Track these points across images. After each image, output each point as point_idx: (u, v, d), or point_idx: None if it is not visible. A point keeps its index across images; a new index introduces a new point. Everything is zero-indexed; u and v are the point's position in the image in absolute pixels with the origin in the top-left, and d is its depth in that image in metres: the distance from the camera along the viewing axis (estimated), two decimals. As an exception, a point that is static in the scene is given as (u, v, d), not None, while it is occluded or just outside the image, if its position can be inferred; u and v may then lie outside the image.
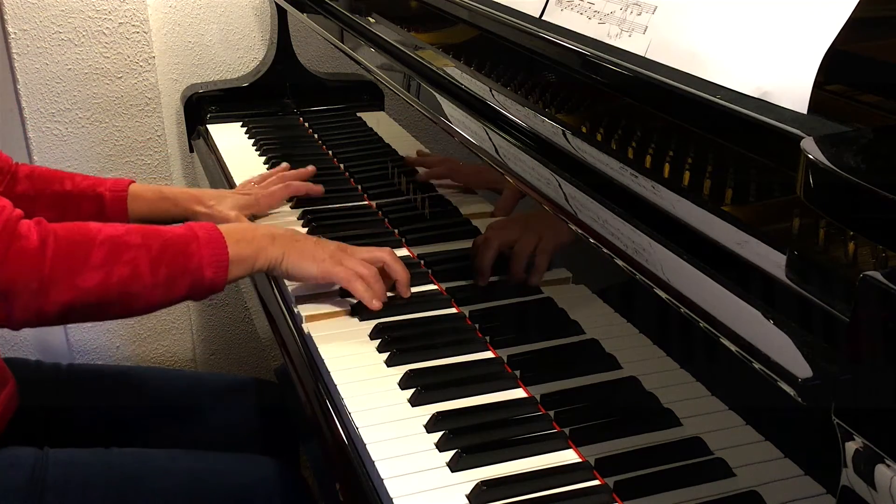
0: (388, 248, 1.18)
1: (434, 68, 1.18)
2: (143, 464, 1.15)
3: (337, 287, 1.18)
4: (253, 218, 1.41)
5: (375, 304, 1.12)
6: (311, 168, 1.53)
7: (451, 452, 0.88)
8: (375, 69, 1.32)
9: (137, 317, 2.07)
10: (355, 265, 1.12)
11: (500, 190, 1.11)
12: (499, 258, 1.09)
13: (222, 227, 1.09)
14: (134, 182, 1.39)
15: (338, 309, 1.14)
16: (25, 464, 1.10)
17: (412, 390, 0.98)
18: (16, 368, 1.23)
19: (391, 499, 0.83)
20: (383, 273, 1.15)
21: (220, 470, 1.16)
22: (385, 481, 0.85)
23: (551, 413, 0.93)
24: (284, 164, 1.55)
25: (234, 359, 2.24)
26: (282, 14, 1.93)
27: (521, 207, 1.05)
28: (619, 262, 0.77)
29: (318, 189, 1.48)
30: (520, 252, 1.04)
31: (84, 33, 1.89)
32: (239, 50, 2.08)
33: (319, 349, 1.06)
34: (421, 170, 1.35)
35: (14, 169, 1.34)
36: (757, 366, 0.60)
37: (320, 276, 1.12)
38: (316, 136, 1.81)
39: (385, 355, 1.04)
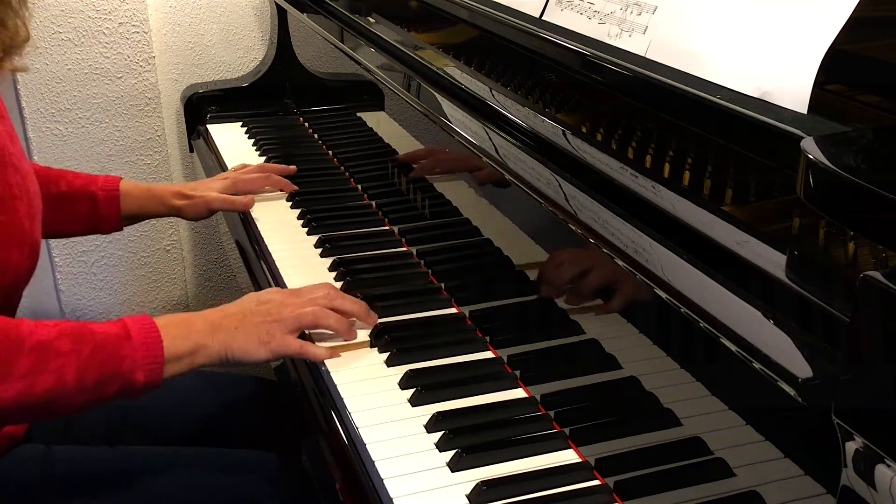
0: (326, 284, 1.12)
1: (434, 68, 1.18)
2: (147, 461, 1.16)
3: (337, 286, 1.18)
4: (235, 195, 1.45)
5: (352, 334, 1.08)
6: (292, 168, 1.56)
7: (451, 452, 0.88)
8: (375, 69, 1.33)
9: (152, 303, 2.11)
10: (303, 310, 1.05)
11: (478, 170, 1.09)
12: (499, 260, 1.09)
13: (160, 321, 1.00)
14: (122, 179, 1.41)
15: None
16: (34, 461, 1.11)
17: (412, 390, 0.98)
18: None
19: (391, 499, 0.83)
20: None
21: (222, 467, 1.16)
22: (385, 481, 0.85)
23: (551, 413, 0.93)
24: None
25: (234, 359, 2.24)
26: (282, 14, 1.93)
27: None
28: (620, 262, 0.77)
29: (291, 169, 1.55)
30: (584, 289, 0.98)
31: (84, 33, 1.89)
32: (239, 50, 2.08)
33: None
34: (414, 164, 1.35)
35: None
36: (757, 366, 0.60)
37: (273, 358, 1.05)
38: (316, 136, 1.81)
39: (385, 355, 1.04)
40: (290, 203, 1.48)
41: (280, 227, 1.40)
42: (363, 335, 1.09)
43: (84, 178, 1.38)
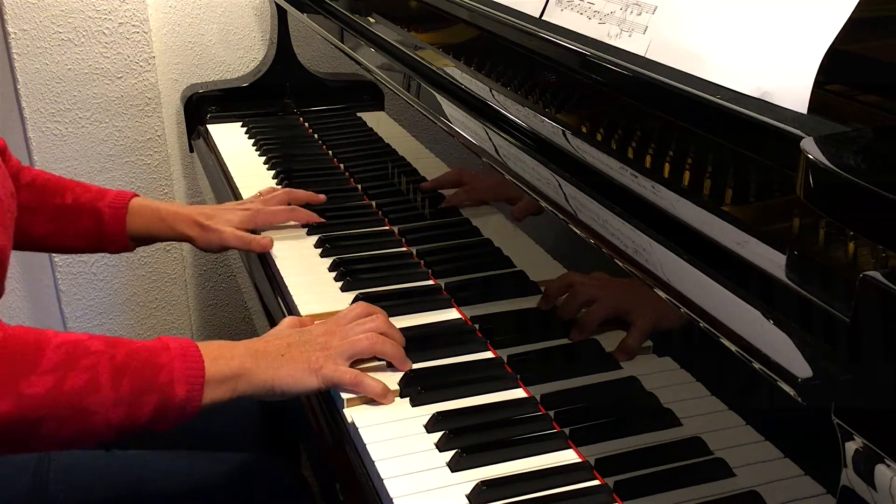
0: (364, 305, 1.06)
1: (434, 68, 1.18)
2: (144, 465, 1.15)
3: (337, 286, 1.18)
4: (254, 233, 1.35)
5: (407, 365, 1.01)
6: (321, 197, 1.44)
7: (452, 452, 0.88)
8: (375, 69, 1.33)
9: (131, 332, 2.10)
10: (356, 336, 0.99)
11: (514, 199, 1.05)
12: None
13: (199, 343, 0.94)
14: (137, 196, 1.34)
15: (338, 308, 1.14)
16: (28, 467, 1.10)
17: (412, 390, 0.97)
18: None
19: (391, 499, 0.83)
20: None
21: (220, 471, 1.16)
22: (385, 481, 0.85)
23: (551, 413, 0.93)
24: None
25: (234, 359, 2.24)
26: (282, 14, 1.93)
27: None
28: (619, 262, 0.77)
29: (321, 198, 1.43)
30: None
31: (84, 33, 1.89)
32: (239, 50, 2.08)
33: (319, 349, 1.06)
34: (442, 192, 1.27)
35: (18, 172, 1.30)
36: (757, 366, 0.60)
37: (324, 387, 0.97)
38: (316, 136, 1.81)
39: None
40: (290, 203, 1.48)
41: (280, 227, 1.40)
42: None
43: (94, 193, 1.31)
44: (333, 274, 1.24)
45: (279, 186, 1.53)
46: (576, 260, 0.96)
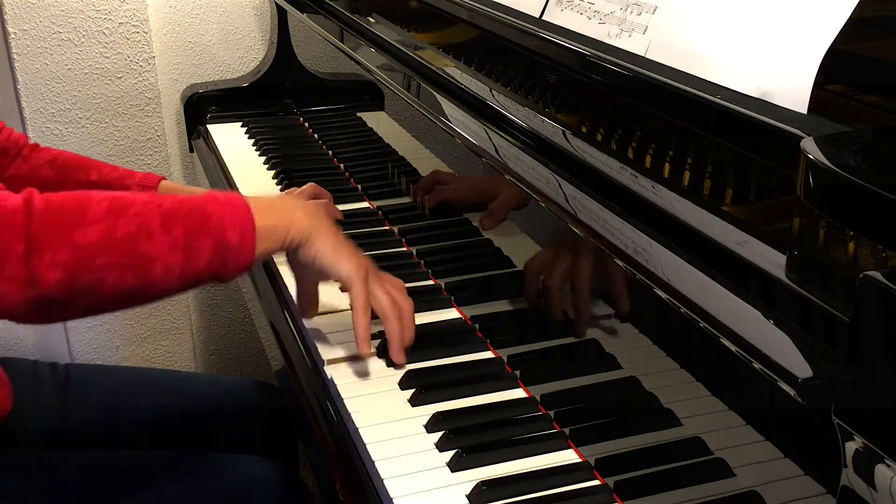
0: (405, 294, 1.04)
1: (434, 68, 1.18)
2: (141, 466, 1.14)
3: (337, 286, 1.18)
4: None
5: (401, 359, 1.01)
6: (339, 215, 1.40)
7: (451, 452, 0.88)
8: (375, 69, 1.32)
9: (130, 332, 2.08)
10: (390, 290, 1.00)
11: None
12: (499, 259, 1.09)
13: (248, 196, 0.94)
14: (165, 179, 1.32)
15: (338, 308, 1.14)
16: (23, 465, 1.10)
17: (412, 390, 0.98)
18: (13, 369, 1.22)
19: (391, 499, 0.83)
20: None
21: (218, 472, 1.16)
22: (385, 481, 0.85)
23: (551, 413, 0.93)
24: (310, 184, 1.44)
25: (234, 359, 2.24)
26: (282, 14, 1.93)
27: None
28: (619, 262, 0.77)
29: (338, 216, 1.40)
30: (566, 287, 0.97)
31: (84, 33, 1.89)
32: (239, 50, 2.08)
33: (320, 350, 1.06)
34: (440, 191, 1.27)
35: (21, 148, 1.29)
36: (757, 366, 0.60)
37: (345, 277, 0.97)
38: (316, 136, 1.81)
39: (386, 356, 1.04)
40: (289, 203, 1.48)
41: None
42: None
43: (121, 172, 1.30)
44: (333, 274, 1.24)
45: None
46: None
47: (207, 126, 1.92)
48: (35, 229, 0.82)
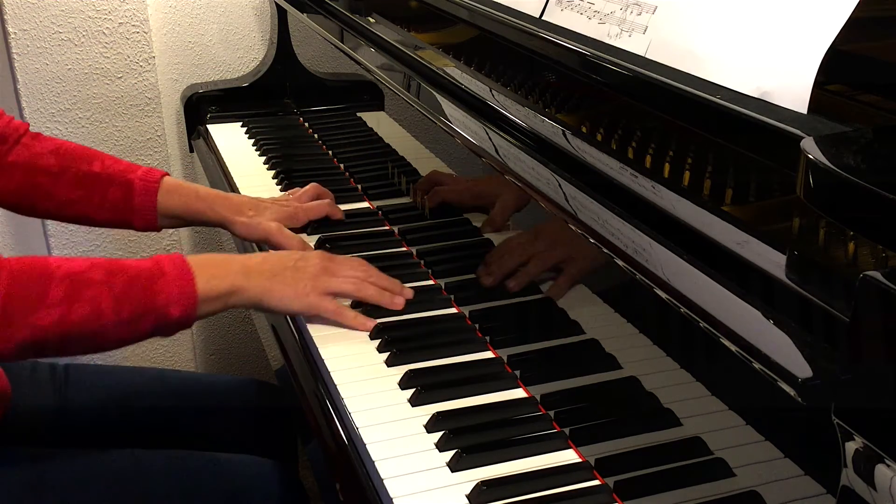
0: (360, 260, 1.15)
1: (434, 68, 1.18)
2: (140, 465, 1.14)
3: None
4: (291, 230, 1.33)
5: (397, 302, 1.10)
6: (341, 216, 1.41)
7: (451, 452, 0.88)
8: (375, 69, 1.32)
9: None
10: (345, 278, 1.09)
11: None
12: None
13: (193, 261, 1.03)
14: (168, 175, 1.33)
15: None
16: (22, 465, 1.10)
17: (412, 390, 0.98)
18: (12, 368, 1.22)
19: (391, 499, 0.83)
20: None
21: (217, 472, 1.16)
22: (385, 481, 0.85)
23: (551, 413, 0.93)
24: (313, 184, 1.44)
25: (234, 359, 2.24)
26: (282, 14, 1.93)
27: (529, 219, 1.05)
28: (619, 262, 0.77)
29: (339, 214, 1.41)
30: (541, 265, 1.02)
31: (84, 33, 1.89)
32: (239, 50, 2.08)
33: (319, 349, 1.06)
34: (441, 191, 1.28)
35: (21, 135, 1.29)
36: (757, 366, 0.60)
37: (308, 314, 1.08)
38: (316, 136, 1.81)
39: (385, 355, 1.04)
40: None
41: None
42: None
43: (124, 165, 1.31)
44: (333, 274, 1.24)
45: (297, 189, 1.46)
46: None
47: (207, 126, 1.92)
48: (2, 304, 0.92)
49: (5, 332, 0.93)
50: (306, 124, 1.88)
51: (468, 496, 0.83)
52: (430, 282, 1.21)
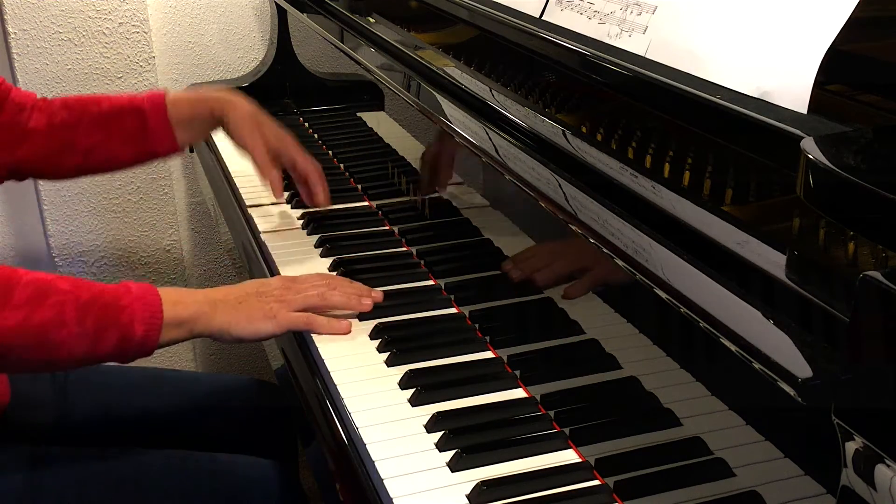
0: (323, 274, 1.18)
1: (434, 68, 1.18)
2: (140, 465, 1.14)
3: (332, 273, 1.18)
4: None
5: (365, 304, 1.10)
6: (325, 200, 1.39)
7: (451, 452, 0.88)
8: (375, 69, 1.32)
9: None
10: (308, 293, 1.09)
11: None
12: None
13: (160, 288, 1.03)
14: (167, 90, 1.35)
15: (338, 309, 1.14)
16: (22, 464, 1.10)
17: (412, 390, 0.98)
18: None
19: (391, 499, 0.83)
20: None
21: (217, 472, 1.16)
22: (385, 481, 0.85)
23: (551, 413, 0.93)
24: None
25: (234, 359, 2.24)
26: (282, 14, 1.93)
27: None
28: (619, 262, 0.77)
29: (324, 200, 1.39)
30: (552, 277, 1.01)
31: (84, 33, 1.89)
32: (239, 50, 2.08)
33: (319, 349, 1.06)
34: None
35: (35, 101, 1.30)
36: (757, 366, 0.60)
37: (279, 332, 1.07)
38: (316, 136, 1.81)
39: (385, 355, 1.04)
40: (290, 204, 1.48)
41: (281, 227, 1.40)
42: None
43: (128, 96, 1.33)
44: (334, 274, 1.24)
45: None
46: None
47: (207, 126, 1.92)
48: None
49: None
50: (306, 124, 1.88)
51: (468, 496, 0.83)
52: (430, 282, 1.21)
